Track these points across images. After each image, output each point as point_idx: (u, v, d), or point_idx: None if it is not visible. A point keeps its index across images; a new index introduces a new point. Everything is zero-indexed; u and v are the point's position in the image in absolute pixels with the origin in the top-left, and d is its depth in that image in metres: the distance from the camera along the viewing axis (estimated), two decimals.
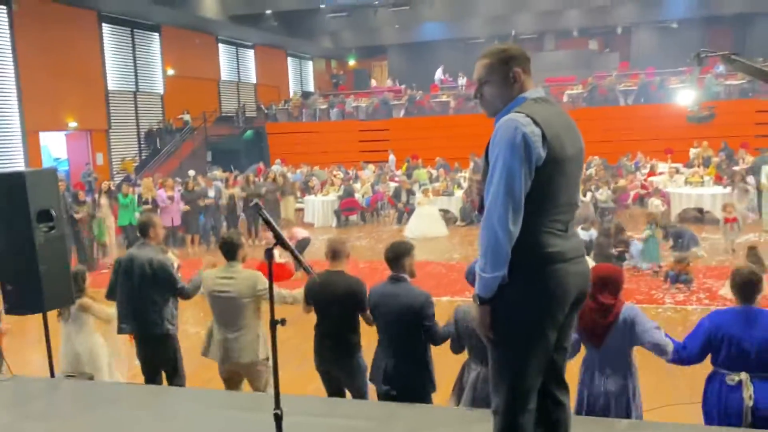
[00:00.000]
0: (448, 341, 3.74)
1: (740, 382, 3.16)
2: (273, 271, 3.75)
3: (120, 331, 4.59)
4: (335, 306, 3.95)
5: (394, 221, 14.94)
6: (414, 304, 3.64)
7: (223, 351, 4.25)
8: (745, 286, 3.28)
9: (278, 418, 2.36)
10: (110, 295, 4.66)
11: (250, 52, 28.43)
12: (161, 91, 22.96)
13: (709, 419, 3.30)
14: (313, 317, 4.15)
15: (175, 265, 4.79)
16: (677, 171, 15.06)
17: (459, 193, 14.74)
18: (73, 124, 18.92)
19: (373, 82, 30.57)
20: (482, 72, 2.40)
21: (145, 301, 4.44)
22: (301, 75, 33.00)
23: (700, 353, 3.32)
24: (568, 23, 27.03)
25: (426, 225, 13.09)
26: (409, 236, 12.88)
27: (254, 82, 28.76)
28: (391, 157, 20.83)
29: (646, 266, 9.38)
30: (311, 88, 32.89)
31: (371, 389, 3.96)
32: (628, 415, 3.31)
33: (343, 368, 3.99)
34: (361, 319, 4.02)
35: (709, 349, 3.28)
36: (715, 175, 14.04)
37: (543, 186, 2.25)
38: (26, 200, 4.28)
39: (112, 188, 12.28)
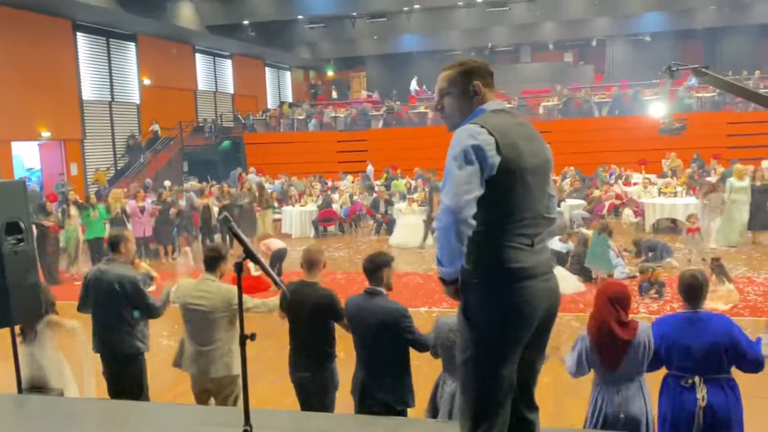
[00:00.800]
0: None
1: (693, 384, 3.24)
2: (251, 284, 3.68)
3: (96, 349, 4.44)
4: (307, 317, 3.93)
5: (373, 232, 14.93)
6: (388, 318, 3.61)
7: (196, 365, 4.17)
8: (689, 290, 3.38)
9: None
10: (81, 308, 4.53)
11: (228, 62, 28.33)
12: (137, 101, 22.75)
13: (662, 420, 3.35)
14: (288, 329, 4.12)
15: (152, 276, 4.69)
16: (650, 182, 15.28)
17: None
18: (46, 134, 18.64)
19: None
20: (443, 84, 2.41)
21: (114, 318, 4.31)
22: (279, 85, 32.94)
23: (654, 362, 3.40)
24: (543, 36, 27.38)
25: (409, 234, 13.11)
26: (392, 245, 12.92)
27: (232, 92, 28.64)
28: (369, 168, 20.85)
29: (618, 275, 9.49)
30: (289, 98, 32.83)
31: (350, 404, 3.91)
32: None
33: (314, 380, 3.96)
34: (338, 329, 3.98)
35: (661, 356, 3.36)
36: (690, 186, 14.28)
37: (502, 197, 2.22)
38: None
39: (79, 200, 12.01)
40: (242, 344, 2.37)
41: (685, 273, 3.48)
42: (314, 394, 3.99)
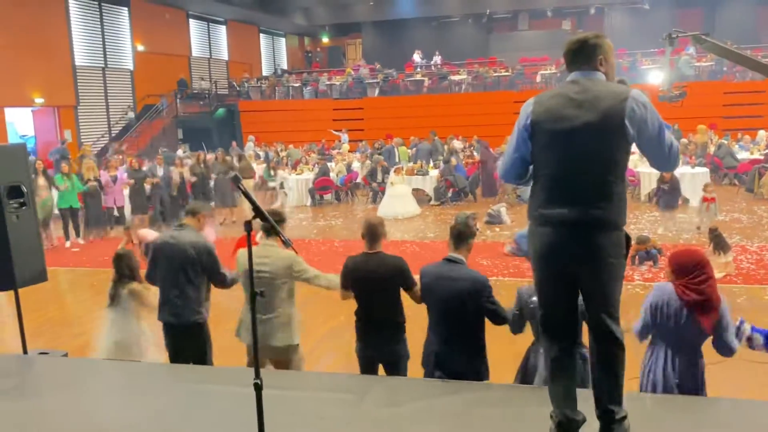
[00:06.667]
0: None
1: None
2: (243, 246, 3.58)
3: (162, 317, 4.35)
4: (378, 287, 3.83)
5: (369, 200, 14.95)
6: (469, 287, 3.53)
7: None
8: None
9: (258, 388, 2.38)
10: (150, 277, 4.42)
11: (222, 28, 27.96)
12: (131, 67, 22.49)
13: None
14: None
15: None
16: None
17: (434, 173, 14.78)
18: (39, 100, 18.46)
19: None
20: None
21: (185, 285, 4.21)
22: (273, 52, 32.57)
23: None
24: (541, 3, 27.06)
25: (399, 205, 13.09)
26: (382, 216, 12.87)
27: (226, 58, 28.32)
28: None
29: None
30: (284, 65, 32.50)
31: (420, 372, 3.82)
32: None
33: (388, 354, 3.89)
34: (404, 299, 3.90)
35: None
36: (686, 155, 14.29)
37: (537, 155, 2.65)
38: None
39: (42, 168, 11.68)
40: (252, 301, 2.41)
41: None
42: (386, 368, 3.92)
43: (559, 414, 2.65)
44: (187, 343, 4.30)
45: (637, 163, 14.71)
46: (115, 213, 12.58)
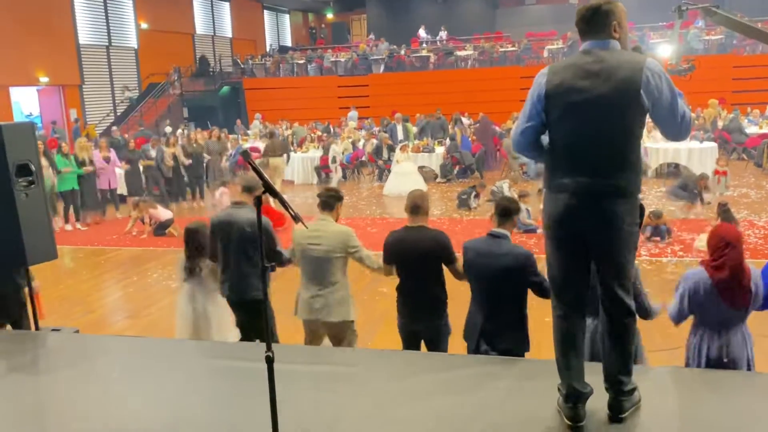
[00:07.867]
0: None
1: None
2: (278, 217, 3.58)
3: (224, 293, 4.39)
4: (420, 261, 3.83)
5: (375, 178, 14.93)
6: (517, 262, 3.52)
7: (310, 309, 4.06)
8: None
9: (270, 360, 2.41)
10: (212, 255, 4.46)
11: (226, 5, 27.73)
12: (135, 46, 22.37)
13: None
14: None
15: None
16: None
17: (440, 150, 14.73)
18: (44, 79, 18.43)
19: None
20: None
21: (243, 263, 4.24)
22: (277, 28, 32.32)
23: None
24: None
25: (404, 183, 13.04)
26: (388, 195, 12.89)
27: (230, 35, 28.13)
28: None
29: None
30: (288, 42, 32.25)
31: (462, 346, 3.81)
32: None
33: (430, 329, 3.90)
34: (446, 274, 3.89)
35: None
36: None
37: (552, 125, 2.64)
38: (4, 154, 4.22)
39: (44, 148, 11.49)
40: (262, 274, 2.43)
41: None
42: (427, 343, 3.93)
43: (567, 386, 2.67)
44: (250, 319, 4.32)
45: (644, 138, 14.62)
46: (126, 193, 12.36)
